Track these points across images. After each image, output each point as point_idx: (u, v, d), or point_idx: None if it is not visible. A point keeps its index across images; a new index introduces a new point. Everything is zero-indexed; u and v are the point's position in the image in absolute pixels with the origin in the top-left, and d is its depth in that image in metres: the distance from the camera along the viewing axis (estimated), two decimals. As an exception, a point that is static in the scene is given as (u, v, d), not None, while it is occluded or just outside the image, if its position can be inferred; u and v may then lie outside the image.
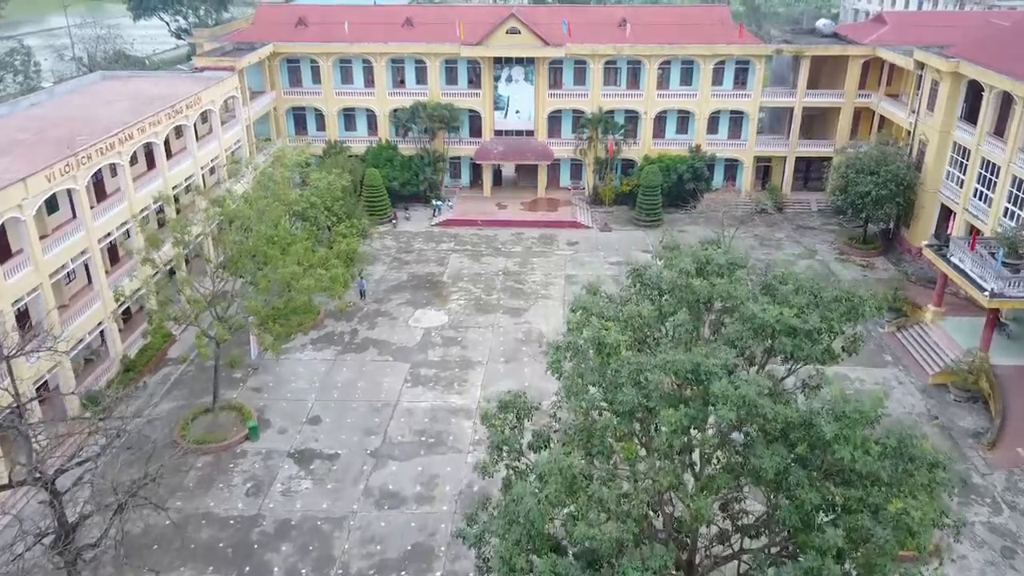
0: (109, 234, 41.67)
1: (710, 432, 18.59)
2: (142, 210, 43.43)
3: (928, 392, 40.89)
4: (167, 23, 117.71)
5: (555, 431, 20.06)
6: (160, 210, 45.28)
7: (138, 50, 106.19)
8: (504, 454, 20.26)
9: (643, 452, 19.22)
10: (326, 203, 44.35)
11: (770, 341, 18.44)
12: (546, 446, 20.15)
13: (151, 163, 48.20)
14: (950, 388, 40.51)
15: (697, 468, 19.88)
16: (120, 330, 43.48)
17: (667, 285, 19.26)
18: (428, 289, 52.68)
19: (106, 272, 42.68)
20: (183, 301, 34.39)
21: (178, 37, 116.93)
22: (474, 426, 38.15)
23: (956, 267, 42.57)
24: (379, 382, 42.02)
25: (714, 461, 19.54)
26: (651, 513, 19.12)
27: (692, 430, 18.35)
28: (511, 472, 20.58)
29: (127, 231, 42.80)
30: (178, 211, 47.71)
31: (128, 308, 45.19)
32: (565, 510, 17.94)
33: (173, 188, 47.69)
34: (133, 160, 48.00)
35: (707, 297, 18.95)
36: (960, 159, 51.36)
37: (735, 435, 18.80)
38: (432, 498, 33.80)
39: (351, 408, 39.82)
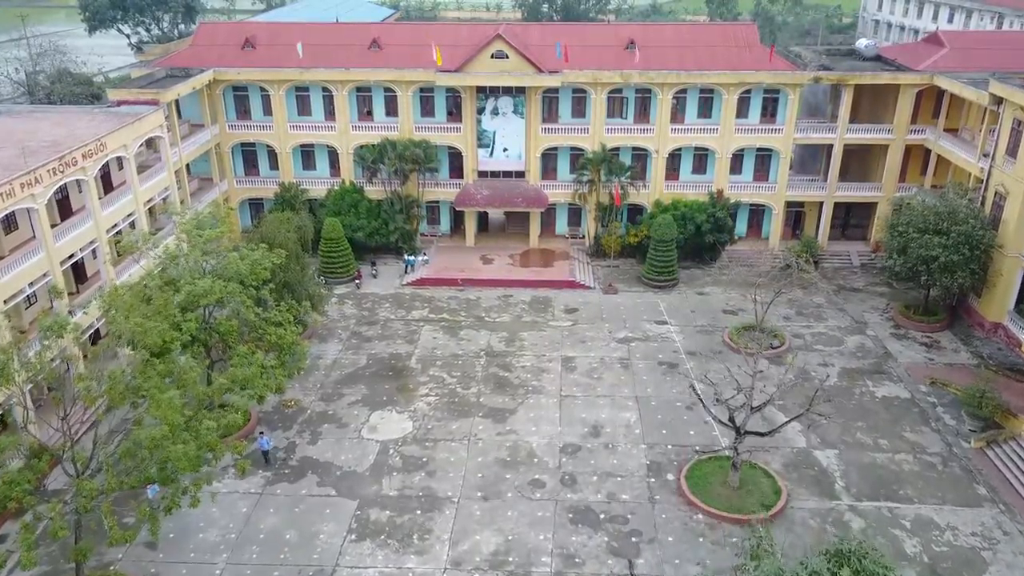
0: (-44, 337, 31.42)
1: None
2: (9, 298, 33.29)
3: (1045, 549, 30.70)
4: (127, 35, 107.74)
5: None
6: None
7: (92, 65, 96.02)
8: None
9: None
10: (250, 286, 34.14)
11: None
12: None
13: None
14: (1077, 547, 30.31)
15: None
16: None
17: None
18: (391, 379, 42.39)
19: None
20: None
21: (138, 50, 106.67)
22: (436, 613, 27.92)
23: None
24: (315, 532, 31.67)
25: None
26: None
27: None
28: None
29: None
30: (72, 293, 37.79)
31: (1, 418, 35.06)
32: None
33: (63, 262, 37.55)
34: (10, 227, 38.04)
35: None
36: (1053, 220, 41.28)
37: None
38: None
39: (272, 579, 29.56)
